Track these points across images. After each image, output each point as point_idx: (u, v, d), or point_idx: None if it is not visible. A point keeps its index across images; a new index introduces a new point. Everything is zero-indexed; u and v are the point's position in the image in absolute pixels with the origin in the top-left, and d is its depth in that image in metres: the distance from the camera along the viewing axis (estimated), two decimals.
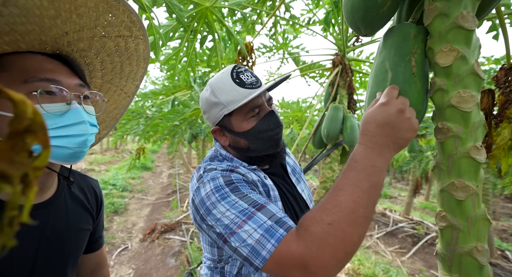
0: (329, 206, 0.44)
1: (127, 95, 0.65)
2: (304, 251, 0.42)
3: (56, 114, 0.44)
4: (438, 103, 0.54)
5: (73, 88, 0.47)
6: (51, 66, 0.45)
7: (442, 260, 0.57)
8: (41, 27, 0.41)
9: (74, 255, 0.58)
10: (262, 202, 0.51)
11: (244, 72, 0.63)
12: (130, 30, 0.50)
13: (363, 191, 0.43)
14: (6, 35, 0.39)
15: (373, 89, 0.64)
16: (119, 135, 2.61)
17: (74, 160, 0.48)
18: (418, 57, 0.57)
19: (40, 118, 0.17)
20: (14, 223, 0.16)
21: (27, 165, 0.16)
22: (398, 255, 3.75)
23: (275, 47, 2.31)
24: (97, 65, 0.54)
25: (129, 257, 3.08)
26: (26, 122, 0.16)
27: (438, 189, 0.57)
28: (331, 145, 1.63)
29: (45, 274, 0.50)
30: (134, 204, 5.13)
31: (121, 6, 0.44)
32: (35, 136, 0.17)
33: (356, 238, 0.42)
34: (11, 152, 0.16)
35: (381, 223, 5.02)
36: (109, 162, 10.24)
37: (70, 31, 0.44)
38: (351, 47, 1.65)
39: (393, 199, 8.18)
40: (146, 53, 0.56)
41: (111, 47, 0.51)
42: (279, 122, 0.65)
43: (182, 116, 1.34)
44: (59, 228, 0.53)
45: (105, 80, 0.59)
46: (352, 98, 1.65)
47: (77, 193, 0.60)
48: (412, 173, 5.09)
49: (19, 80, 0.42)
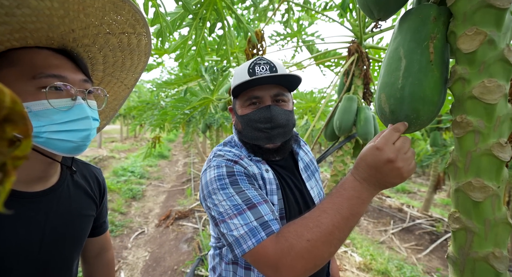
0: (311, 225, 0.49)
1: (126, 87, 0.66)
2: (279, 257, 0.48)
3: (62, 110, 0.46)
4: (458, 94, 0.49)
5: (78, 84, 0.49)
6: (57, 61, 0.47)
7: (454, 264, 0.53)
8: (50, 25, 0.43)
9: (79, 239, 0.61)
10: (255, 201, 0.55)
11: (262, 64, 0.66)
12: (134, 27, 0.52)
13: (343, 217, 0.48)
14: (16, 32, 0.41)
15: (384, 79, 0.59)
16: (136, 124, 2.70)
17: (77, 152, 0.50)
18: (438, 43, 0.51)
19: (19, 107, 0.16)
20: None
21: (5, 154, 0.16)
22: (414, 252, 3.64)
23: (289, 35, 2.22)
24: (100, 59, 0.56)
25: (145, 240, 3.26)
26: (4, 111, 0.15)
27: (453, 188, 0.52)
28: (343, 138, 1.57)
29: (51, 258, 0.53)
30: (151, 191, 5.36)
31: (126, 6, 0.47)
32: (15, 125, 0.16)
33: (327, 255, 0.48)
34: None
35: (397, 218, 4.88)
36: (129, 150, 10.72)
37: (76, 28, 0.46)
38: (369, 34, 1.55)
39: (411, 194, 7.88)
40: (147, 48, 0.58)
41: (114, 43, 0.53)
42: (270, 117, 0.64)
43: (190, 104, 1.35)
44: (63, 214, 0.56)
45: (106, 73, 0.60)
46: (368, 89, 1.56)
47: (80, 181, 0.63)
48: (434, 168, 4.83)
49: (28, 75, 0.43)
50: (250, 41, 1.32)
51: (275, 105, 0.66)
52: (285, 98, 0.68)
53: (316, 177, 0.79)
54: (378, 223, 4.74)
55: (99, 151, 8.87)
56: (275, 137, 0.66)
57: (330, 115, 1.59)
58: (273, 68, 0.67)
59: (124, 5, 0.46)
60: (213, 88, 1.47)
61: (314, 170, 0.81)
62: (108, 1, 0.44)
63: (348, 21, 1.58)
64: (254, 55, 1.40)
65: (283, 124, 0.66)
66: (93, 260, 0.77)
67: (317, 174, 0.81)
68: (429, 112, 0.54)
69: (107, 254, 0.79)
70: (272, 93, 0.66)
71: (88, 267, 0.77)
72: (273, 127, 0.65)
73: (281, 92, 0.67)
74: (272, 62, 0.67)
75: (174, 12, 1.04)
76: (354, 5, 1.52)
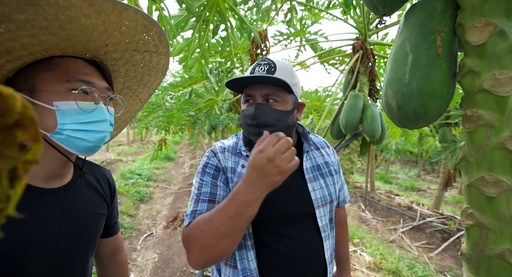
0: (207, 218, 0.60)
1: (140, 101, 0.72)
2: (185, 240, 0.62)
3: (86, 111, 0.51)
4: (468, 87, 0.48)
5: (102, 90, 0.54)
6: (88, 70, 0.53)
7: (468, 261, 0.52)
8: (89, 39, 0.49)
9: (93, 237, 0.63)
10: (202, 197, 0.68)
11: (262, 65, 0.69)
12: (157, 47, 0.58)
13: (229, 216, 0.56)
14: (61, 43, 0.47)
15: (391, 74, 0.59)
16: (142, 127, 2.73)
17: (91, 153, 0.54)
18: (445, 36, 0.50)
19: (29, 112, 0.17)
20: (0, 216, 0.16)
21: (16, 159, 0.16)
22: (425, 251, 3.57)
23: (292, 34, 2.21)
24: (122, 72, 0.62)
25: (153, 242, 3.29)
26: (15, 116, 0.16)
27: (465, 184, 0.51)
28: (350, 136, 1.56)
29: (67, 253, 0.55)
30: (158, 193, 5.42)
31: (155, 28, 0.52)
32: (25, 130, 0.17)
33: (218, 246, 0.57)
34: (1, 146, 0.16)
35: (406, 217, 4.80)
36: (135, 153, 10.87)
37: (110, 43, 0.53)
38: (374, 30, 1.53)
39: (421, 192, 7.74)
40: (165, 67, 0.64)
41: (138, 59, 0.60)
42: (254, 115, 0.66)
43: (196, 106, 1.36)
44: (78, 211, 0.58)
45: (125, 86, 0.66)
46: (373, 86, 1.54)
47: (91, 181, 0.65)
48: (444, 165, 4.73)
49: (62, 78, 0.49)
50: (254, 41, 1.33)
51: (264, 104, 0.67)
52: (277, 98, 0.68)
53: (328, 181, 0.77)
54: (387, 222, 4.67)
55: (107, 154, 9.02)
56: (257, 130, 0.68)
57: (336, 113, 1.58)
58: (271, 69, 0.67)
59: (153, 27, 0.52)
60: (218, 89, 1.47)
61: (327, 173, 0.78)
62: (140, 23, 0.50)
63: (351, 18, 1.57)
64: (258, 55, 1.40)
65: (270, 123, 0.67)
66: (107, 261, 0.78)
67: (332, 177, 0.79)
68: (438, 106, 0.53)
69: (120, 255, 0.81)
70: (263, 93, 0.68)
71: (102, 269, 0.79)
72: (259, 125, 0.67)
73: (273, 92, 0.67)
74: (274, 63, 0.68)
75: (177, 15, 1.05)
76: (357, 1, 1.51)
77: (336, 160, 0.86)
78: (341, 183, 0.88)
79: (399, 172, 12.47)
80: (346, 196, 0.93)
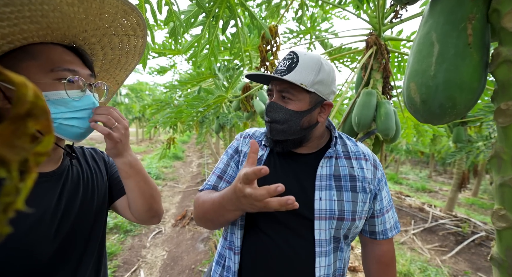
0: (204, 201, 0.70)
1: (117, 83, 0.73)
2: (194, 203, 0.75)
3: (74, 99, 0.52)
4: (503, 78, 0.44)
5: (86, 78, 0.55)
6: (69, 57, 0.53)
7: (500, 267, 0.48)
8: (69, 26, 0.49)
9: (98, 213, 0.65)
10: (216, 171, 0.80)
11: (286, 59, 0.68)
12: (135, 30, 0.59)
13: (213, 210, 0.66)
14: (42, 30, 0.47)
15: (414, 67, 0.55)
16: (151, 126, 2.75)
17: (81, 139, 0.57)
18: (477, 23, 0.47)
19: (42, 102, 0.16)
20: (9, 209, 0.15)
21: (27, 150, 0.15)
22: (438, 253, 3.47)
23: (302, 32, 2.17)
24: (100, 56, 0.63)
25: (162, 240, 3.32)
26: (27, 106, 0.15)
27: (496, 183, 0.48)
28: (362, 134, 1.51)
29: (73, 229, 0.57)
30: (166, 192, 5.47)
31: (134, 13, 0.54)
32: (37, 120, 0.16)
33: (204, 221, 0.71)
34: (12, 136, 0.15)
35: (418, 218, 4.67)
36: (144, 151, 11.04)
37: (89, 29, 0.53)
38: (388, 25, 1.48)
39: (433, 194, 7.54)
40: (142, 48, 0.65)
41: (116, 43, 0.60)
42: (266, 112, 0.70)
43: (206, 102, 1.35)
44: (74, 189, 0.60)
45: (103, 69, 0.67)
46: (388, 82, 1.49)
47: (80, 160, 0.68)
48: (458, 166, 4.57)
49: (47, 68, 0.49)
50: (264, 38, 1.30)
51: (275, 103, 0.68)
52: (291, 96, 0.66)
53: (345, 196, 0.68)
54: None
55: None
56: (272, 131, 0.70)
57: (348, 111, 1.54)
58: (292, 65, 0.66)
59: (132, 12, 0.53)
60: (228, 86, 1.46)
61: (348, 187, 0.69)
62: (120, 9, 0.51)
63: (364, 12, 1.52)
64: (268, 52, 1.37)
65: (279, 121, 0.67)
66: None
67: (355, 194, 0.68)
68: (467, 100, 0.49)
69: None
70: (278, 89, 0.68)
71: None
72: (270, 122, 0.69)
73: (287, 90, 0.66)
74: (298, 58, 0.66)
75: (187, 10, 1.04)
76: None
77: (378, 179, 0.73)
78: (381, 210, 0.74)
79: (409, 173, 12.19)
80: (388, 229, 0.75)
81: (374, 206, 0.74)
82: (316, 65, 0.65)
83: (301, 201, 0.67)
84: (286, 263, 0.66)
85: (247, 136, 0.83)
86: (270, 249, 0.67)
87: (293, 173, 0.72)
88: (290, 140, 0.70)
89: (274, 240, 0.67)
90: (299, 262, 0.66)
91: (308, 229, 0.67)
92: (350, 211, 0.67)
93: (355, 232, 0.72)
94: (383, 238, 0.75)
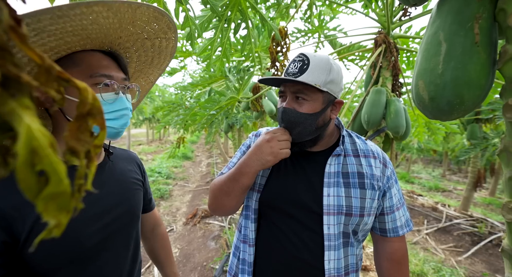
0: (219, 179, 0.77)
1: (150, 81, 0.78)
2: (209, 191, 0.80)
3: (109, 102, 0.57)
4: (510, 75, 0.46)
5: (120, 81, 0.59)
6: (106, 62, 0.57)
7: (510, 258, 0.49)
8: (106, 35, 0.54)
9: (137, 208, 0.70)
10: (230, 165, 0.85)
11: (296, 61, 0.69)
12: (166, 33, 0.62)
13: (229, 180, 0.72)
14: (82, 40, 0.52)
15: (422, 65, 0.57)
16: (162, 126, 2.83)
17: (116, 137, 0.61)
18: (484, 23, 0.48)
19: (98, 104, 0.20)
20: (81, 189, 0.19)
21: (90, 143, 0.19)
22: (452, 254, 3.39)
23: (310, 31, 2.19)
24: (134, 58, 0.67)
25: (174, 238, 3.40)
26: (88, 106, 0.19)
27: (505, 177, 0.49)
28: (372, 132, 1.52)
29: (113, 222, 0.61)
30: (177, 191, 5.58)
31: (164, 18, 0.57)
32: (94, 119, 0.20)
33: (220, 200, 0.75)
34: (78, 131, 0.19)
35: (431, 218, 4.57)
36: (155, 152, 11.26)
37: (123, 36, 0.57)
38: (397, 23, 1.48)
39: (446, 193, 7.34)
40: (173, 49, 0.69)
41: (148, 45, 0.64)
42: (282, 119, 0.70)
43: (218, 105, 1.39)
44: (117, 184, 0.65)
45: (137, 69, 0.72)
46: (397, 80, 1.49)
47: (122, 161, 0.73)
48: (473, 164, 4.44)
49: (87, 74, 0.55)
50: (274, 39, 1.33)
51: (289, 109, 0.69)
52: (306, 97, 0.68)
53: (353, 192, 0.70)
54: None
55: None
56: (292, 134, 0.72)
57: (357, 109, 1.55)
58: (304, 66, 0.67)
59: (163, 18, 0.56)
60: (239, 87, 1.50)
61: (356, 184, 0.71)
62: (152, 16, 0.54)
63: (373, 11, 1.53)
64: (278, 53, 1.40)
65: (295, 124, 0.69)
66: (150, 234, 0.89)
67: (362, 191, 0.70)
68: (475, 96, 0.51)
69: (160, 228, 0.92)
70: (292, 90, 0.69)
71: (148, 241, 0.89)
72: (286, 127, 0.71)
73: (302, 91, 0.67)
74: (308, 59, 0.67)
75: (201, 15, 1.08)
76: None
77: (387, 176, 0.74)
78: (391, 207, 0.75)
79: (421, 172, 11.89)
80: (399, 226, 0.75)
81: (383, 203, 0.74)
82: (326, 65, 0.68)
83: (311, 197, 0.71)
84: (296, 255, 0.69)
85: (258, 134, 0.87)
86: (282, 242, 0.71)
87: (302, 170, 0.75)
88: (307, 141, 0.72)
89: (285, 234, 0.71)
90: (309, 254, 0.69)
91: (318, 224, 0.69)
92: (358, 207, 0.69)
93: (365, 229, 0.73)
94: (394, 235, 0.75)
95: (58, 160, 0.16)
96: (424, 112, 0.60)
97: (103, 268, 0.59)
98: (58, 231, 0.17)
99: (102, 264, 0.58)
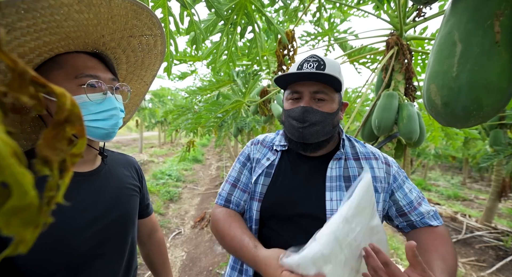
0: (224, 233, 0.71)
1: (145, 84, 0.76)
2: (211, 218, 0.79)
3: (96, 102, 0.55)
4: None
5: (108, 82, 0.58)
6: (92, 63, 0.56)
7: None
8: (86, 33, 0.52)
9: (132, 214, 0.68)
10: (229, 180, 0.82)
11: (311, 61, 0.68)
12: (151, 30, 0.60)
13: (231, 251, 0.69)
14: (62, 41, 0.51)
15: (434, 68, 0.53)
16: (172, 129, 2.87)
17: (108, 138, 0.59)
18: (506, 20, 0.43)
19: (77, 110, 0.18)
20: (51, 202, 0.17)
21: (65, 152, 0.18)
22: (474, 268, 3.17)
23: (320, 34, 2.15)
24: (123, 59, 0.66)
25: (182, 241, 3.41)
26: (65, 113, 0.18)
27: None
28: (383, 138, 1.45)
29: (109, 233, 0.60)
30: (186, 193, 5.63)
31: (144, 12, 0.54)
32: (73, 126, 0.18)
33: (216, 236, 0.74)
34: (54, 140, 0.17)
35: (449, 228, 4.32)
36: (166, 154, 11.46)
37: (105, 34, 0.56)
38: (411, 24, 1.41)
39: (467, 202, 6.94)
40: (162, 47, 0.67)
41: (135, 44, 0.62)
42: (303, 118, 0.67)
43: (223, 108, 1.38)
44: (113, 191, 0.64)
45: (129, 71, 0.70)
46: (410, 84, 1.42)
47: (119, 166, 0.72)
48: (497, 172, 4.16)
49: (72, 75, 0.54)
50: (281, 42, 1.31)
51: (310, 107, 0.67)
52: (326, 97, 0.67)
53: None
54: None
55: (140, 155, 9.68)
56: (305, 136, 0.69)
57: (368, 114, 1.48)
58: (321, 66, 0.67)
59: (142, 11, 0.54)
60: (245, 91, 1.49)
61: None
62: (130, 9, 0.52)
63: (385, 12, 1.47)
64: (285, 56, 1.38)
65: (316, 123, 0.67)
66: (147, 240, 0.88)
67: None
68: (496, 101, 0.46)
69: (157, 234, 0.90)
70: (312, 90, 0.67)
71: (144, 247, 0.88)
72: (305, 127, 0.68)
73: (322, 90, 0.67)
74: (323, 60, 0.68)
75: (206, 19, 1.08)
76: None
77: (393, 175, 0.73)
78: (410, 204, 0.71)
79: (439, 179, 11.35)
80: (424, 214, 0.70)
81: (398, 203, 0.71)
82: (338, 67, 0.69)
83: (313, 202, 0.69)
84: None
85: (257, 142, 0.84)
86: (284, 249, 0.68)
87: (304, 175, 0.74)
88: (322, 141, 0.71)
89: (287, 241, 0.69)
90: None
91: None
92: None
93: None
94: (421, 226, 0.70)
95: (22, 171, 0.14)
96: (437, 118, 0.55)
97: (96, 274, 0.58)
98: (24, 247, 0.15)
99: (95, 271, 0.57)
